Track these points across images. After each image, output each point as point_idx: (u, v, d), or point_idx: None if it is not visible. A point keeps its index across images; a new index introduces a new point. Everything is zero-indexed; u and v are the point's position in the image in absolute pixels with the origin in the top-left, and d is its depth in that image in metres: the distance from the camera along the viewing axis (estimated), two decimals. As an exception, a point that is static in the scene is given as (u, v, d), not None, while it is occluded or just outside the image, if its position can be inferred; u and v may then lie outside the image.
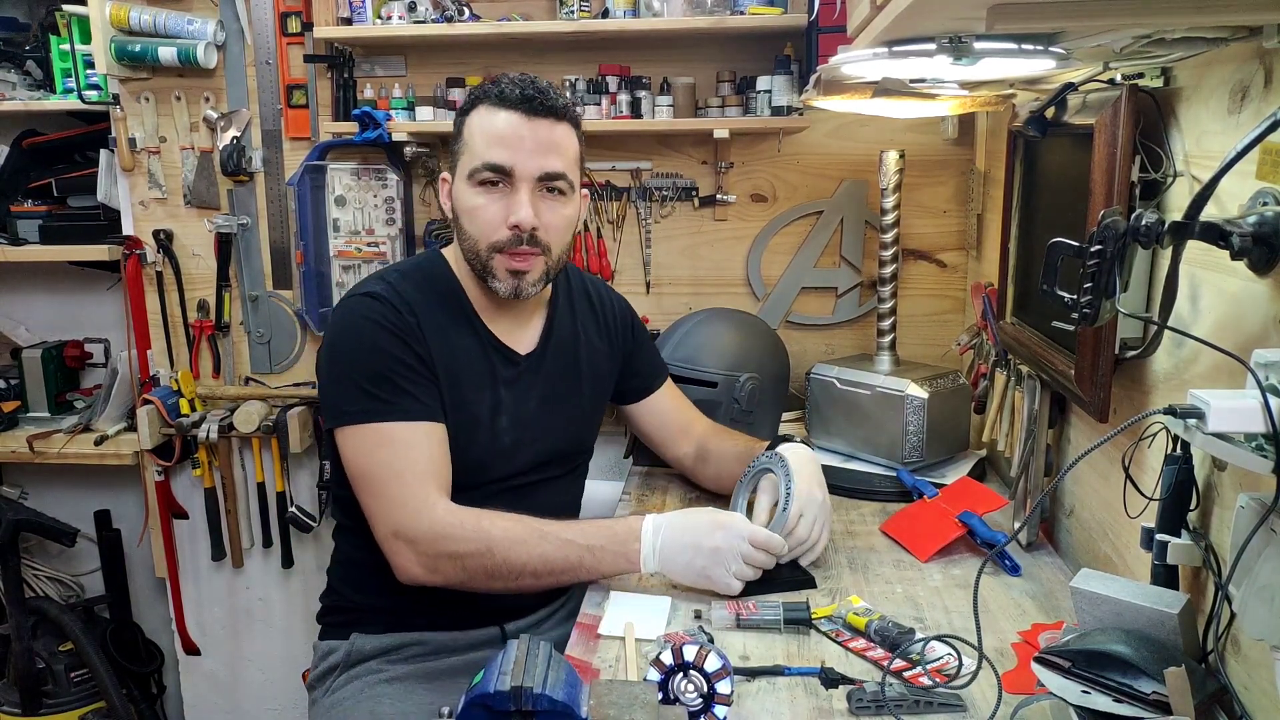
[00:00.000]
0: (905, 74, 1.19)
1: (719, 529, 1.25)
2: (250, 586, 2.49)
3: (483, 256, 1.35)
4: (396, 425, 1.31)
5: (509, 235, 1.33)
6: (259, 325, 2.32)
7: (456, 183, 1.38)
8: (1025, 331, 1.48)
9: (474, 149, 1.33)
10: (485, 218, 1.33)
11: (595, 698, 0.88)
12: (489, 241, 1.34)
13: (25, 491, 2.57)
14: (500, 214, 1.33)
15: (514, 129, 1.32)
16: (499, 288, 1.36)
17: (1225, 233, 0.82)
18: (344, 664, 1.41)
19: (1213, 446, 0.77)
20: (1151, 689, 0.88)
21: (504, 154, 1.31)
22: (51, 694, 2.31)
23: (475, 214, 1.34)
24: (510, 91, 1.32)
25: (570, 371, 1.51)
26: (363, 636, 1.41)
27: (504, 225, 1.33)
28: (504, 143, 1.31)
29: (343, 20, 2.04)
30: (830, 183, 2.11)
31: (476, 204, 1.34)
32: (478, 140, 1.33)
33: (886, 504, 1.63)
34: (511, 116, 1.32)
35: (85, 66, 2.20)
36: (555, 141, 1.34)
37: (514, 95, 1.32)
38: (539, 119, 1.32)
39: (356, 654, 1.41)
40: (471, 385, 1.39)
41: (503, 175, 1.32)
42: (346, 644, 1.42)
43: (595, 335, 1.57)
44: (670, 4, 1.95)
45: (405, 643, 1.41)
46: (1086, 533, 1.37)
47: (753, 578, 1.26)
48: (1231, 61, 0.97)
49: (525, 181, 1.32)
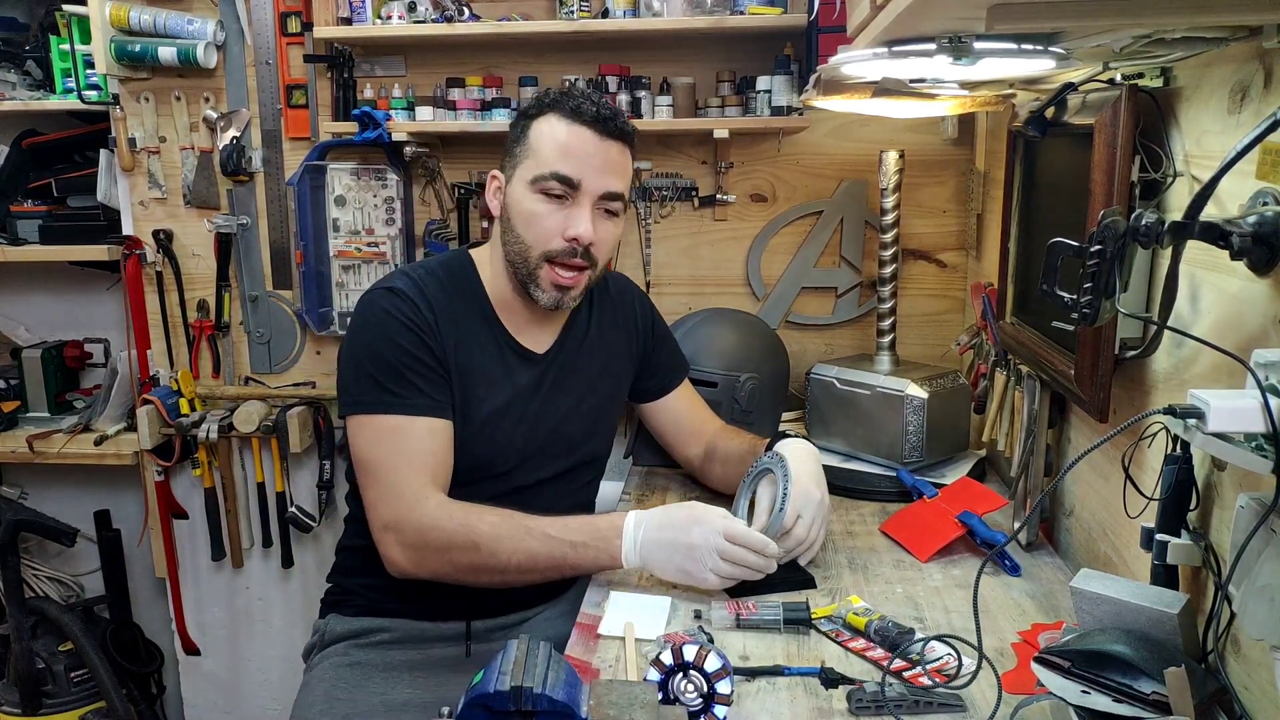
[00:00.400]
0: (905, 74, 1.19)
1: (695, 524, 1.24)
2: (250, 586, 2.49)
3: (531, 263, 1.37)
4: (402, 419, 1.33)
5: (565, 246, 1.36)
6: (259, 325, 2.32)
7: (514, 185, 1.39)
8: (1025, 331, 1.48)
9: (541, 156, 1.35)
10: (544, 226, 1.35)
11: (595, 698, 0.88)
12: (543, 249, 1.36)
13: (25, 491, 2.57)
14: (559, 224, 1.35)
15: (585, 145, 1.34)
16: (541, 298, 1.39)
17: (1225, 233, 0.82)
18: (319, 644, 1.47)
19: (1213, 446, 0.77)
20: (1151, 689, 0.88)
21: (574, 167, 1.34)
22: (51, 694, 2.31)
23: (533, 220, 1.36)
24: (586, 109, 1.35)
25: (588, 370, 1.53)
26: (337, 618, 1.47)
27: (560, 236, 1.35)
28: (574, 156, 1.34)
29: (343, 20, 2.04)
30: (830, 183, 2.11)
31: (536, 210, 1.35)
32: (547, 149, 1.35)
33: (886, 504, 1.63)
34: (585, 132, 1.35)
35: (85, 66, 2.20)
36: (620, 164, 1.39)
37: (590, 113, 1.35)
38: (610, 140, 1.36)
39: (330, 635, 1.46)
40: (487, 383, 1.41)
41: (568, 188, 1.34)
42: (323, 623, 1.48)
43: (613, 333, 1.57)
44: (670, 4, 1.95)
45: (372, 628, 1.45)
46: (1086, 533, 1.37)
47: (733, 574, 1.23)
48: (1231, 61, 0.97)
49: (588, 197, 1.35)
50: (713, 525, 1.24)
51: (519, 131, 1.40)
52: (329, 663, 1.42)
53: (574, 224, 1.34)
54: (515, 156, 1.39)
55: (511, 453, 1.44)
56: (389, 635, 1.45)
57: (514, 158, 1.40)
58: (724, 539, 1.23)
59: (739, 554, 1.23)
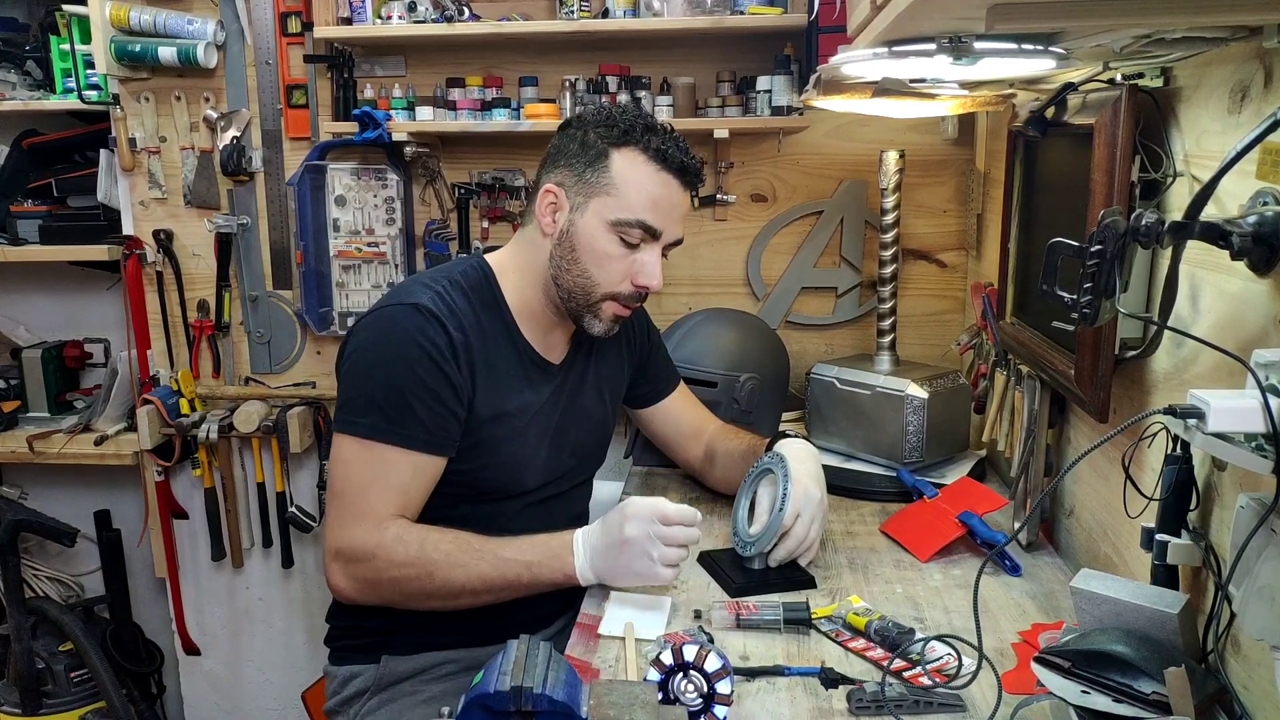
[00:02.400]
0: (905, 74, 1.19)
1: (626, 520, 1.22)
2: (250, 586, 2.49)
3: (594, 299, 1.36)
4: (392, 450, 1.28)
5: (632, 291, 1.36)
6: (259, 325, 2.32)
7: (587, 217, 1.33)
8: (1025, 331, 1.48)
9: (627, 199, 1.32)
10: (616, 269, 1.34)
11: (595, 698, 0.88)
12: (609, 289, 1.36)
13: (25, 491, 2.57)
14: (629, 269, 1.35)
15: (671, 195, 1.34)
16: (596, 328, 1.39)
17: (1225, 233, 0.82)
18: (374, 688, 1.39)
19: (1213, 446, 0.77)
20: (1151, 689, 0.88)
21: (659, 219, 1.33)
22: (51, 694, 2.31)
23: (607, 261, 1.34)
24: (672, 155, 1.33)
25: (594, 379, 1.52)
26: (394, 658, 1.39)
27: (629, 280, 1.35)
28: (660, 208, 1.33)
29: (343, 20, 2.04)
30: (830, 183, 2.11)
31: (611, 252, 1.34)
32: (634, 194, 1.32)
33: (886, 504, 1.63)
34: (672, 183, 1.33)
35: (85, 66, 2.20)
36: (687, 210, 1.40)
37: (676, 161, 1.33)
38: (688, 190, 1.37)
39: (389, 676, 1.39)
40: (511, 395, 1.38)
41: (648, 237, 1.34)
42: (375, 667, 1.40)
43: (611, 341, 1.56)
44: (670, 4, 1.95)
45: (436, 662, 1.40)
46: (1086, 533, 1.37)
47: (681, 559, 1.23)
48: (1231, 61, 0.97)
49: (661, 245, 1.36)
50: (642, 515, 1.22)
51: (594, 156, 1.33)
52: (400, 703, 1.37)
53: (646, 274, 1.35)
54: (589, 184, 1.33)
55: (537, 467, 1.42)
56: (456, 665, 1.41)
57: (586, 184, 1.33)
58: (660, 524, 1.21)
59: (680, 534, 1.22)
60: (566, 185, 1.35)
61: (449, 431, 1.32)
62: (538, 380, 1.43)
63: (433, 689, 1.38)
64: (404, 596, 1.29)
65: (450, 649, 1.40)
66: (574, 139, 1.35)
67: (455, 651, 1.41)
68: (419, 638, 1.40)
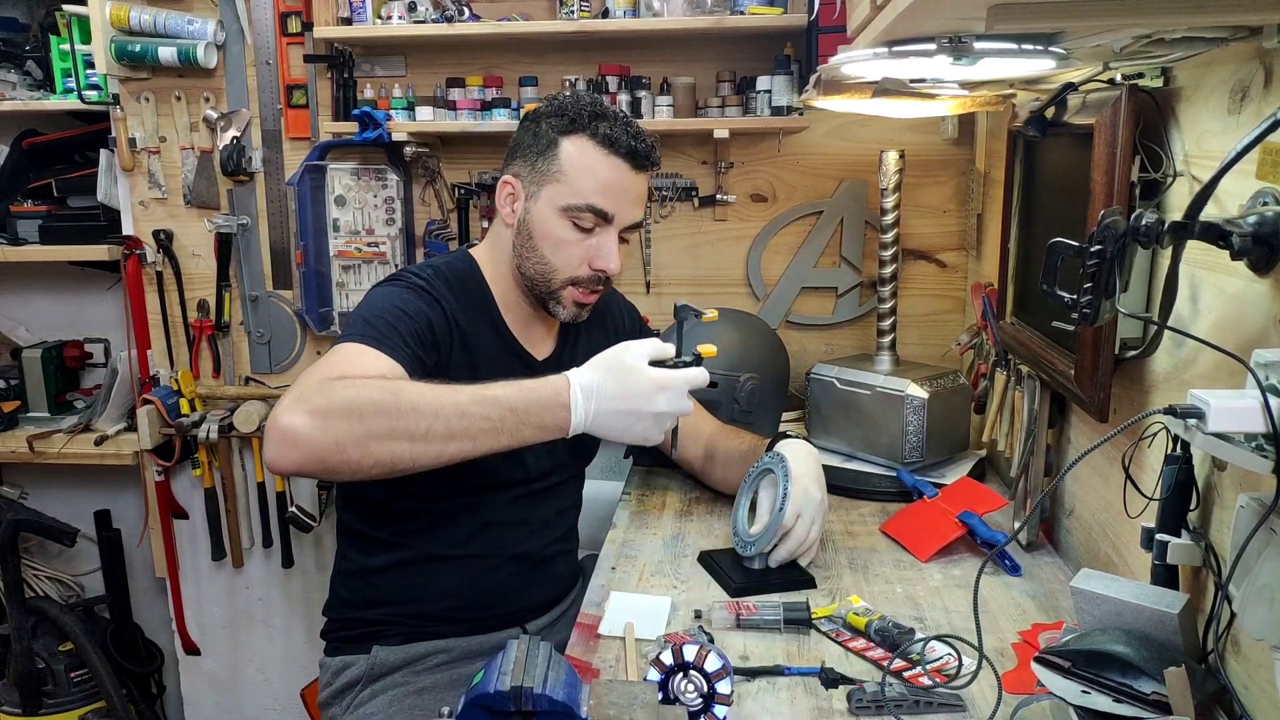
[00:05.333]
0: (905, 74, 1.19)
1: (661, 392, 1.19)
2: (250, 586, 2.49)
3: (554, 285, 1.37)
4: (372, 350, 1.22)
5: (590, 274, 1.36)
6: (259, 325, 2.32)
7: (540, 204, 1.35)
8: (1025, 331, 1.48)
9: (576, 185, 1.33)
10: (572, 254, 1.35)
11: (595, 698, 0.88)
12: (567, 275, 1.36)
13: (25, 491, 2.57)
14: (585, 253, 1.35)
15: (621, 179, 1.34)
16: (561, 314, 1.40)
17: (1225, 233, 0.82)
18: (366, 677, 1.39)
19: (1213, 446, 0.77)
20: (1151, 689, 0.88)
21: (609, 203, 1.33)
22: (51, 694, 2.31)
23: (561, 247, 1.35)
24: (620, 139, 1.33)
25: None
26: (384, 648, 1.39)
27: (587, 264, 1.36)
28: (610, 191, 1.33)
29: (343, 20, 2.04)
30: (830, 183, 2.11)
31: (565, 238, 1.35)
32: (583, 180, 1.33)
33: (886, 504, 1.63)
34: (621, 166, 1.34)
35: (85, 66, 2.20)
36: (645, 193, 1.39)
37: (624, 145, 1.33)
38: (641, 173, 1.36)
39: (380, 666, 1.39)
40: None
41: (601, 220, 1.34)
42: (367, 658, 1.40)
43: (602, 339, 1.57)
44: (670, 4, 1.95)
45: (428, 651, 1.40)
46: (1086, 533, 1.37)
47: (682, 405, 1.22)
48: (1231, 61, 0.97)
49: (617, 229, 1.36)
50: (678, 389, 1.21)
51: (545, 145, 1.35)
52: (392, 694, 1.37)
53: (603, 258, 1.35)
54: (540, 173, 1.35)
55: (521, 459, 1.40)
56: (448, 655, 1.40)
57: (538, 173, 1.35)
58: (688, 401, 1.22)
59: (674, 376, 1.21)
60: (522, 176, 1.38)
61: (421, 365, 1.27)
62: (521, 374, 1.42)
63: (424, 679, 1.38)
64: (361, 423, 1.07)
65: (441, 638, 1.41)
66: (529, 130, 1.38)
67: (447, 641, 1.41)
68: (411, 627, 1.40)
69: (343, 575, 1.48)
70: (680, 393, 1.21)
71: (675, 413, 1.21)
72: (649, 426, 1.21)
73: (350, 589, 1.46)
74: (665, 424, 1.22)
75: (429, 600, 1.38)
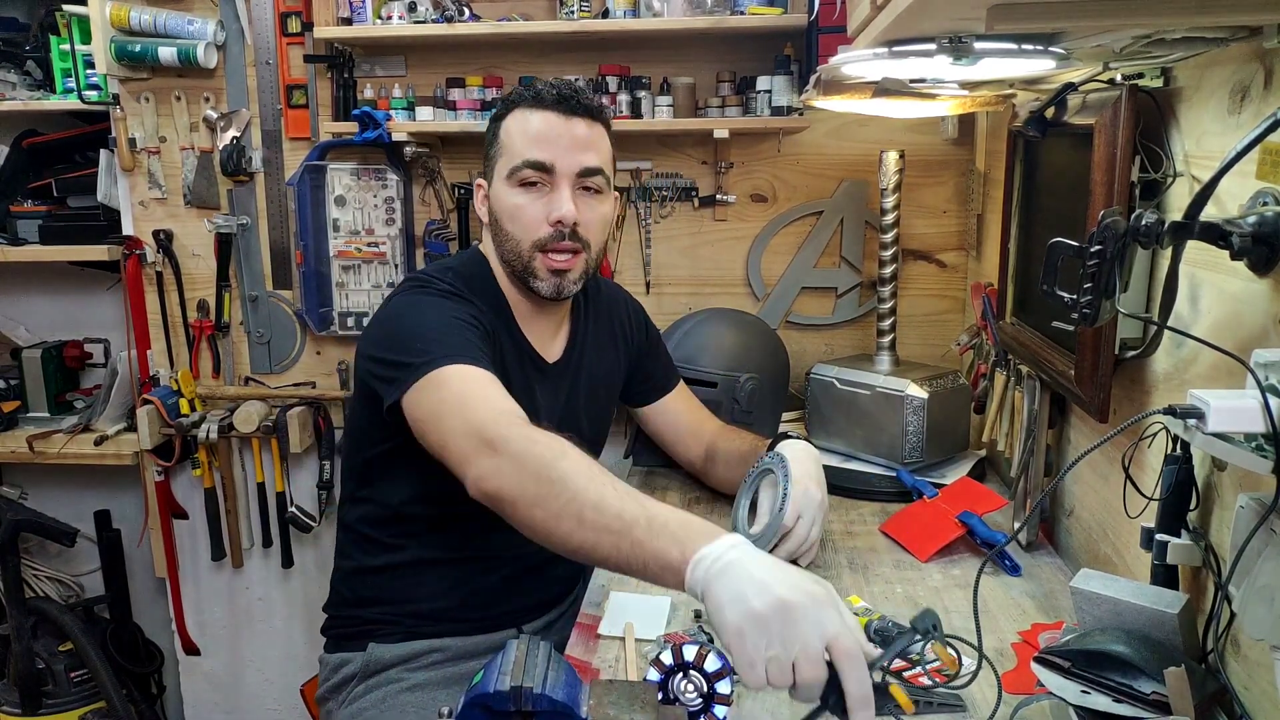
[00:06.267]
0: (905, 74, 1.19)
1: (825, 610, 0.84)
2: (250, 586, 2.49)
3: (525, 256, 1.37)
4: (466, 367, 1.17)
5: (551, 231, 1.35)
6: (259, 325, 2.32)
7: (495, 185, 1.39)
8: (1025, 331, 1.48)
9: (513, 150, 1.35)
10: (528, 216, 1.35)
11: (595, 698, 0.88)
12: (532, 239, 1.35)
13: (25, 491, 2.57)
14: (542, 211, 1.35)
15: (552, 127, 1.34)
16: (541, 287, 1.38)
17: (1225, 233, 0.82)
18: (361, 674, 1.40)
19: (1213, 446, 0.77)
20: (1151, 689, 0.88)
21: (544, 151, 1.33)
22: (51, 694, 2.31)
23: (517, 213, 1.36)
24: (547, 93, 1.35)
25: (590, 378, 1.53)
26: (380, 645, 1.40)
27: (546, 223, 1.35)
28: (543, 141, 1.34)
29: (343, 20, 2.04)
30: (830, 183, 2.11)
31: (518, 203, 1.35)
32: (516, 141, 1.35)
33: (886, 504, 1.63)
34: (549, 115, 1.34)
35: (85, 66, 2.20)
36: (591, 139, 1.37)
37: (550, 96, 1.34)
38: (576, 118, 1.35)
39: (375, 663, 1.39)
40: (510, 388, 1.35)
41: (543, 173, 1.34)
42: (363, 654, 1.40)
43: (608, 340, 1.57)
44: (670, 4, 1.95)
45: (424, 650, 1.40)
46: (1086, 533, 1.37)
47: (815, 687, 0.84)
48: (1231, 61, 0.97)
49: (565, 178, 1.34)
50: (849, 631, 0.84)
51: (492, 134, 1.40)
52: (384, 690, 1.37)
53: (556, 207, 1.34)
54: (492, 159, 1.40)
55: None
56: (443, 655, 1.40)
57: (491, 160, 1.40)
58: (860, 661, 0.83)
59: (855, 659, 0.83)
60: (485, 173, 1.42)
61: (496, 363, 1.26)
62: (534, 379, 1.43)
63: (417, 677, 1.39)
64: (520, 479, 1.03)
65: (437, 637, 1.41)
66: (487, 132, 1.43)
67: (442, 640, 1.41)
68: (407, 626, 1.41)
69: (343, 573, 1.49)
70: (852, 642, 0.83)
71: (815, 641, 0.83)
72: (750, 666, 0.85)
73: (349, 587, 1.47)
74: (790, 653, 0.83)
75: (425, 600, 1.39)
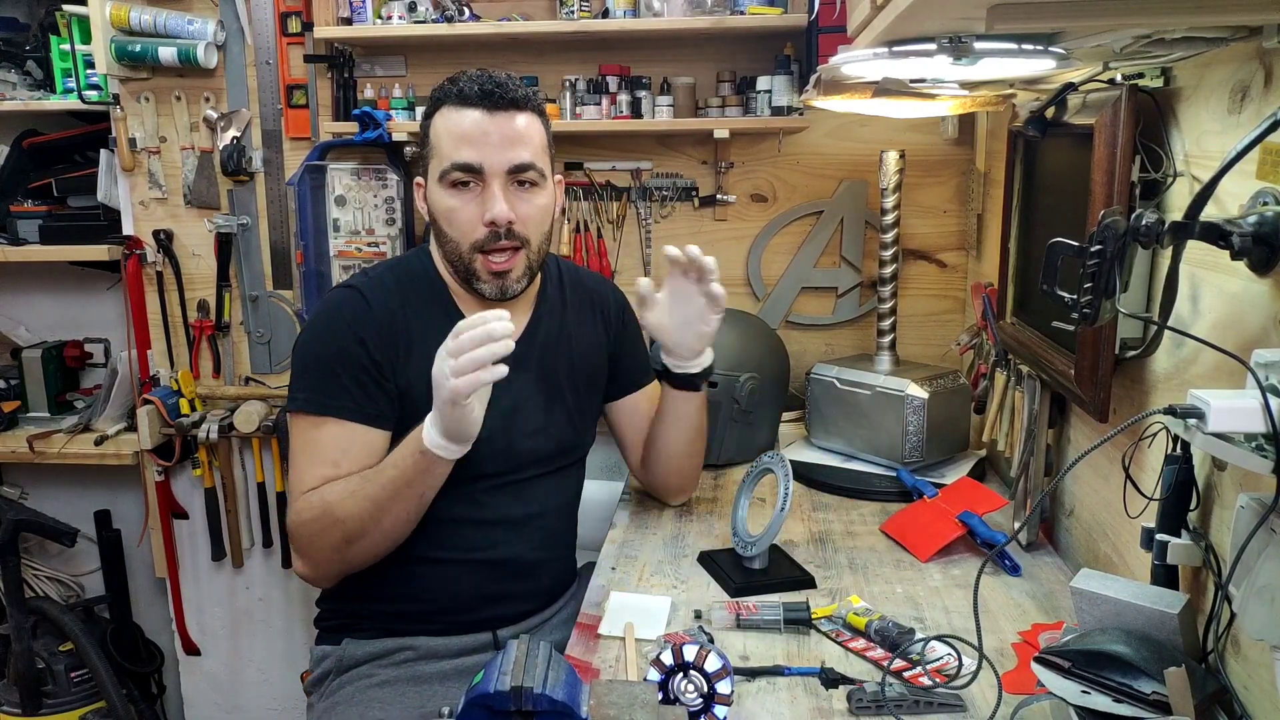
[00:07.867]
0: (905, 74, 1.19)
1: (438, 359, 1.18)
2: (250, 586, 2.49)
3: (465, 259, 1.35)
4: (322, 420, 1.32)
5: (486, 233, 1.33)
6: (259, 325, 2.32)
7: (430, 186, 1.37)
8: (1025, 331, 1.48)
9: (441, 151, 1.33)
10: (462, 219, 1.34)
11: (595, 698, 0.88)
12: (469, 241, 1.34)
13: (25, 491, 2.57)
14: (476, 213, 1.33)
15: (478, 126, 1.31)
16: (484, 290, 1.36)
17: (1225, 233, 0.82)
18: (336, 669, 1.41)
19: (1213, 446, 0.77)
20: (1151, 689, 0.88)
21: (471, 152, 1.31)
22: (51, 694, 2.31)
23: (451, 216, 1.34)
24: (469, 89, 1.32)
25: (560, 365, 1.47)
26: (354, 642, 1.41)
27: (480, 224, 1.33)
28: (470, 141, 1.31)
29: (343, 20, 2.04)
30: (830, 183, 2.11)
31: (451, 206, 1.34)
32: (444, 142, 1.33)
33: (886, 504, 1.63)
34: (474, 114, 1.32)
35: (85, 66, 2.20)
36: (520, 133, 1.33)
37: (473, 92, 1.31)
38: (501, 112, 1.32)
39: (349, 659, 1.41)
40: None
41: (473, 174, 1.32)
42: (338, 649, 1.42)
43: (589, 326, 1.53)
44: (670, 4, 1.95)
45: (395, 648, 1.40)
46: (1086, 533, 1.37)
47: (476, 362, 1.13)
48: (1231, 61, 0.97)
49: (496, 177, 1.32)
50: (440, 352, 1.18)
51: (424, 134, 1.38)
52: (355, 685, 1.38)
53: (487, 207, 1.32)
54: (425, 159, 1.38)
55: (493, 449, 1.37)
56: (415, 653, 1.40)
57: (425, 160, 1.38)
58: (449, 342, 1.16)
59: (463, 341, 1.14)
60: (421, 172, 1.41)
61: (378, 403, 1.34)
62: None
63: (386, 673, 1.39)
64: (332, 552, 1.31)
65: (411, 636, 1.41)
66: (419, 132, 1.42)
67: (416, 639, 1.40)
68: (382, 624, 1.42)
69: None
70: (440, 353, 1.17)
71: (439, 369, 1.17)
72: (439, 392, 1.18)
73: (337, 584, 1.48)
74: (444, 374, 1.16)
75: (401, 600, 1.39)
